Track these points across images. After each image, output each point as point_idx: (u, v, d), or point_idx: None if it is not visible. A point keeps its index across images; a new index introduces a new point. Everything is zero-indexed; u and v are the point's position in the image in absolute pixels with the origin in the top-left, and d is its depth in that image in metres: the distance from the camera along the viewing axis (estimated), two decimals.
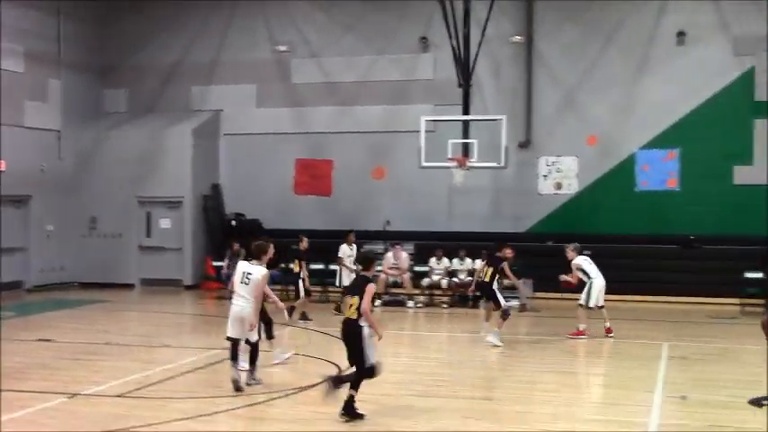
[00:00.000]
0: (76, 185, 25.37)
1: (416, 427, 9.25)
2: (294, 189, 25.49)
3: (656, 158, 23.25)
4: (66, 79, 25.23)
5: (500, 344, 14.86)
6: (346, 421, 9.36)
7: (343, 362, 12.87)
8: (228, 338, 11.04)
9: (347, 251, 19.89)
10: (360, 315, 9.50)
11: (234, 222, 25.12)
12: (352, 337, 9.55)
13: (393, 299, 21.28)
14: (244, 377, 11.06)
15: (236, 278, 10.98)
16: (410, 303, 20.79)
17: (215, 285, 23.21)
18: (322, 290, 21.91)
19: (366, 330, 9.52)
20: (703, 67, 22.89)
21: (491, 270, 15.51)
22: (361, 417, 9.44)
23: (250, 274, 10.85)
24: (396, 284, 21.30)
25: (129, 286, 24.74)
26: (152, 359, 13.53)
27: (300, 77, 25.82)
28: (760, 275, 20.29)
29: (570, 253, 16.43)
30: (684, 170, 23.01)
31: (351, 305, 9.68)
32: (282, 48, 25.76)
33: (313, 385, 11.04)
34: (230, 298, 11.35)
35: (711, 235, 22.44)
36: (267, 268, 11.19)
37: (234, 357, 11.00)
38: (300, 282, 17.56)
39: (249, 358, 11.27)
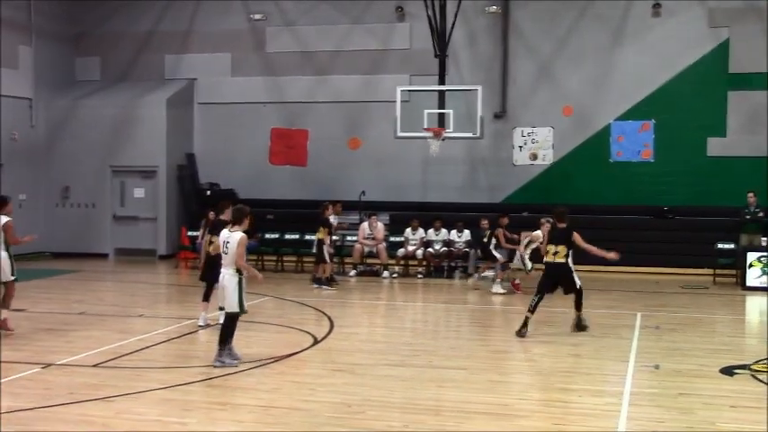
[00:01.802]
0: (49, 154, 25.19)
1: (391, 396, 9.30)
2: (269, 159, 25.40)
3: (630, 130, 23.35)
4: (38, 46, 24.93)
5: (503, 290, 17.84)
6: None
7: (315, 330, 12.97)
8: (221, 308, 10.99)
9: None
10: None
11: (208, 192, 24.99)
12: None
13: (368, 269, 21.33)
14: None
15: (221, 248, 10.77)
16: (385, 274, 20.83)
17: (190, 255, 23.12)
18: (297, 260, 21.93)
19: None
20: (678, 38, 22.95)
21: (489, 233, 18.71)
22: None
23: (228, 242, 10.63)
24: (371, 255, 21.31)
25: (103, 256, 24.63)
26: (127, 329, 13.48)
27: (275, 46, 25.65)
28: (732, 246, 20.52)
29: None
30: (659, 141, 23.14)
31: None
32: (257, 16, 25.57)
33: (289, 355, 11.05)
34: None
35: (684, 206, 22.63)
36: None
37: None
38: (324, 248, 18.31)
39: (222, 332, 10.79)
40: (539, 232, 15.83)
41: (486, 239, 18.84)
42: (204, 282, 13.45)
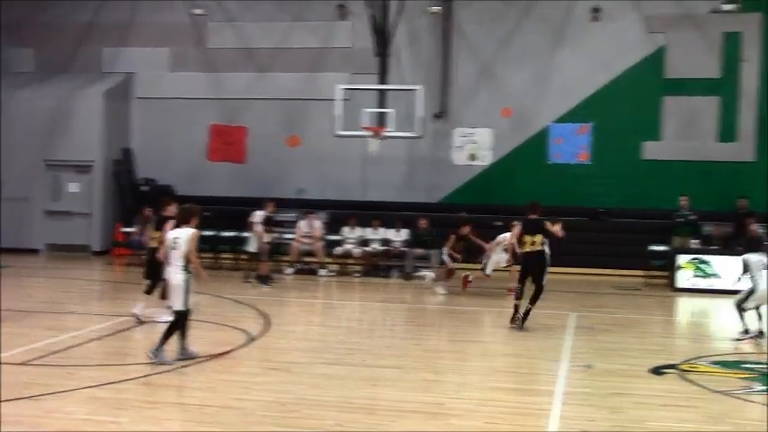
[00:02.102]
0: None
1: (326, 395, 9.27)
2: (208, 155, 25.17)
3: (569, 132, 23.63)
4: None
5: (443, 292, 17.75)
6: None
7: (251, 327, 12.89)
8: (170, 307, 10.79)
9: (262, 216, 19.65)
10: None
11: (145, 188, 24.71)
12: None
13: (305, 267, 21.26)
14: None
15: (169, 245, 10.57)
16: (322, 272, 20.77)
17: (124, 252, 22.84)
18: (234, 257, 21.77)
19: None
20: (617, 42, 23.30)
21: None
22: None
23: (178, 238, 10.45)
24: (308, 253, 21.25)
25: (34, 251, 24.16)
26: (58, 326, 13.24)
27: (216, 42, 25.44)
28: (664, 248, 20.89)
29: None
30: (596, 144, 23.46)
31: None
32: (198, 11, 25.24)
33: (224, 353, 10.96)
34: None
35: (620, 208, 22.99)
36: None
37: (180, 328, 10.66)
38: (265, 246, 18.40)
39: (166, 329, 10.58)
40: (507, 234, 16.38)
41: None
42: (149, 279, 13.24)
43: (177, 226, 10.74)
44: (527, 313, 13.54)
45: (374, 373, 10.35)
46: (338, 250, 21.40)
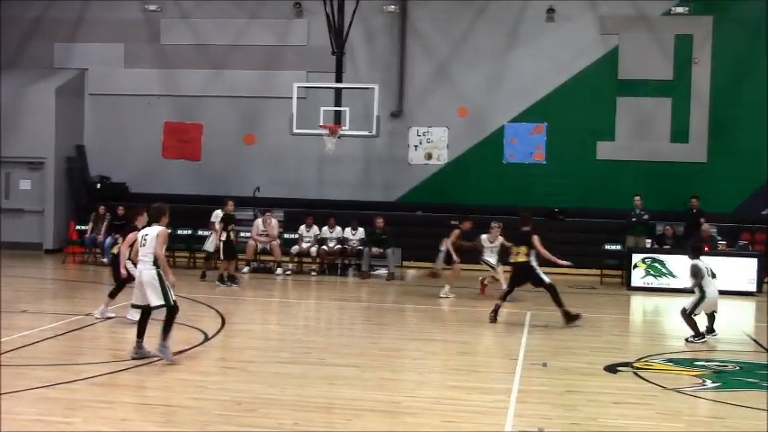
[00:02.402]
0: None
1: (283, 394, 9.23)
2: (162, 153, 24.94)
3: (523, 132, 23.79)
4: None
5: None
6: None
7: (207, 327, 12.79)
8: (133, 306, 10.65)
9: (221, 215, 19.42)
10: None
11: (99, 185, 24.44)
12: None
13: (262, 266, 21.17)
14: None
15: (138, 244, 10.52)
16: (279, 271, 20.70)
17: (78, 249, 22.56)
18: (189, 255, 21.61)
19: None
20: (571, 43, 23.51)
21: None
22: None
23: (147, 234, 10.42)
24: (265, 251, 21.15)
25: None
26: (9, 325, 13.00)
27: (170, 38, 25.23)
28: (618, 247, 21.11)
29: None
30: (551, 144, 23.65)
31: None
32: (152, 7, 25.09)
33: (179, 352, 10.86)
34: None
35: (575, 207, 23.19)
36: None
37: (140, 324, 10.58)
38: (222, 245, 18.07)
39: (163, 325, 10.47)
40: (484, 236, 17.67)
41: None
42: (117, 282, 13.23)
43: (148, 224, 10.72)
44: (566, 315, 14.08)
45: (331, 372, 10.32)
46: (294, 249, 21.32)
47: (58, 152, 24.33)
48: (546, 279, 14.30)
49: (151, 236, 10.40)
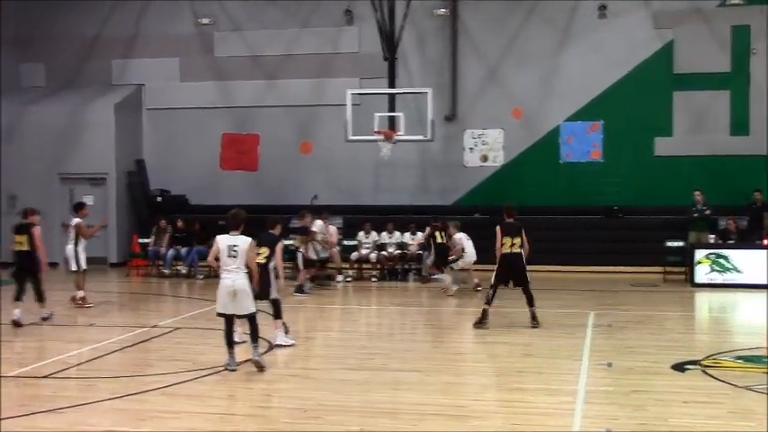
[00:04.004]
0: None
1: (348, 400, 9.28)
2: (220, 164, 25.16)
3: (579, 130, 23.58)
4: None
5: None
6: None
7: (271, 335, 12.90)
8: (219, 314, 10.71)
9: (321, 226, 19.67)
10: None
11: (159, 198, 24.80)
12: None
13: (322, 273, 21.26)
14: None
15: (222, 253, 10.62)
16: (339, 278, 20.79)
17: (141, 262, 22.91)
18: None
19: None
20: (624, 40, 23.27)
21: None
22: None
23: (236, 245, 10.56)
24: (326, 259, 21.21)
25: (53, 265, 24.15)
26: (78, 338, 13.30)
27: (224, 51, 25.52)
28: (680, 244, 20.82)
29: (452, 229, 18.74)
30: (607, 142, 23.40)
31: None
32: (205, 20, 25.41)
33: (244, 361, 10.97)
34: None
35: (633, 205, 22.94)
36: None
37: (228, 335, 10.65)
38: (300, 255, 18.58)
39: (250, 333, 10.77)
40: (461, 235, 18.53)
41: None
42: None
43: (226, 231, 10.80)
44: (534, 316, 13.71)
45: (395, 377, 10.34)
46: (354, 255, 21.41)
47: (118, 167, 24.75)
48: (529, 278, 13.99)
49: (241, 247, 10.56)
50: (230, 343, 10.68)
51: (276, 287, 12.06)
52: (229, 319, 10.68)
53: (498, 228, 14.07)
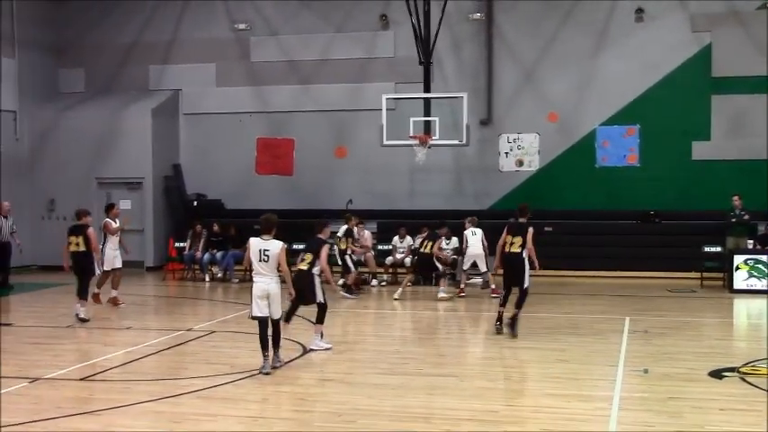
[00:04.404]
0: (34, 167, 25.14)
1: (382, 405, 9.29)
2: (256, 169, 25.30)
3: (615, 134, 23.43)
4: (22, 58, 24.91)
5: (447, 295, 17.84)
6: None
7: (305, 340, 12.93)
8: (254, 318, 10.85)
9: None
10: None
11: (195, 203, 24.97)
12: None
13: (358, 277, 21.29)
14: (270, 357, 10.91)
15: (254, 257, 10.77)
16: (374, 282, 20.81)
17: (178, 266, 23.08)
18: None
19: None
20: (661, 43, 23.08)
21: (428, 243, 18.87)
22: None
23: (267, 250, 10.69)
24: (359, 263, 21.26)
25: None
26: (115, 341, 13.44)
27: (260, 56, 25.66)
28: (718, 249, 20.60)
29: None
30: (644, 146, 23.23)
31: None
32: (241, 26, 25.58)
33: (277, 366, 11.02)
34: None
35: (671, 210, 22.74)
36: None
37: (263, 338, 10.78)
38: (347, 257, 18.94)
39: (272, 339, 10.91)
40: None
41: (425, 249, 18.94)
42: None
43: (262, 236, 10.89)
44: (514, 318, 13.36)
45: (429, 382, 10.34)
46: (389, 260, 21.42)
47: (155, 171, 24.97)
48: (527, 282, 13.53)
49: (273, 252, 10.68)
50: (265, 346, 10.76)
51: (322, 291, 12.16)
52: (263, 323, 10.78)
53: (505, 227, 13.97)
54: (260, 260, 10.70)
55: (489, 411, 8.97)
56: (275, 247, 10.72)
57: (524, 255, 13.52)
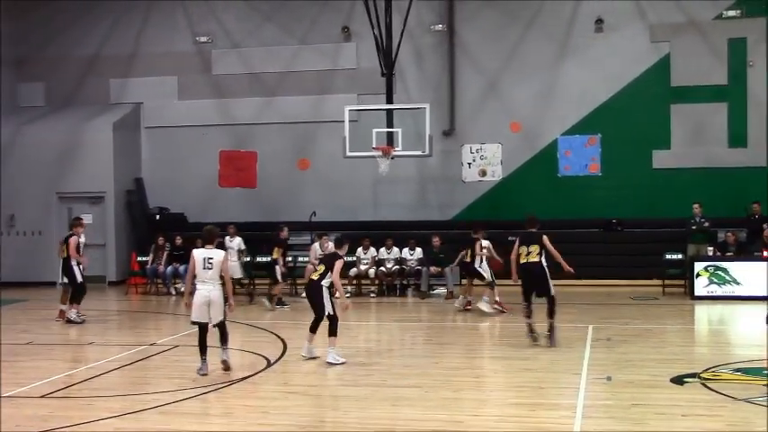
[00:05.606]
0: None
1: (346, 416, 9.25)
2: (219, 181, 25.14)
3: (577, 144, 23.62)
4: None
5: (490, 311, 16.98)
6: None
7: (268, 352, 12.87)
8: (194, 323, 11.44)
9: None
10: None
11: (158, 216, 24.80)
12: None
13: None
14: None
15: (198, 265, 11.29)
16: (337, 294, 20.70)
17: (140, 281, 22.87)
18: (249, 282, 21.68)
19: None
20: (621, 53, 23.33)
21: (469, 251, 17.85)
22: None
23: (211, 258, 11.30)
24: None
25: (51, 284, 24.17)
26: (76, 358, 13.28)
27: (222, 68, 25.58)
28: (679, 256, 20.79)
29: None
30: (605, 155, 23.43)
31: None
32: (203, 39, 25.50)
33: (242, 378, 10.95)
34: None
35: (633, 218, 22.94)
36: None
37: (202, 342, 11.36)
38: (277, 268, 18.87)
39: (220, 339, 11.49)
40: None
41: (468, 258, 17.90)
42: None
43: (202, 246, 11.67)
44: (551, 329, 13.42)
45: (394, 393, 10.32)
46: (353, 271, 21.38)
47: (117, 185, 24.76)
48: (553, 289, 13.57)
49: (216, 260, 11.30)
50: (203, 350, 11.37)
51: (331, 304, 12.31)
52: (203, 328, 11.39)
53: (517, 239, 13.98)
54: (204, 268, 11.27)
55: (454, 422, 8.96)
56: (218, 255, 11.40)
57: (544, 263, 13.60)
